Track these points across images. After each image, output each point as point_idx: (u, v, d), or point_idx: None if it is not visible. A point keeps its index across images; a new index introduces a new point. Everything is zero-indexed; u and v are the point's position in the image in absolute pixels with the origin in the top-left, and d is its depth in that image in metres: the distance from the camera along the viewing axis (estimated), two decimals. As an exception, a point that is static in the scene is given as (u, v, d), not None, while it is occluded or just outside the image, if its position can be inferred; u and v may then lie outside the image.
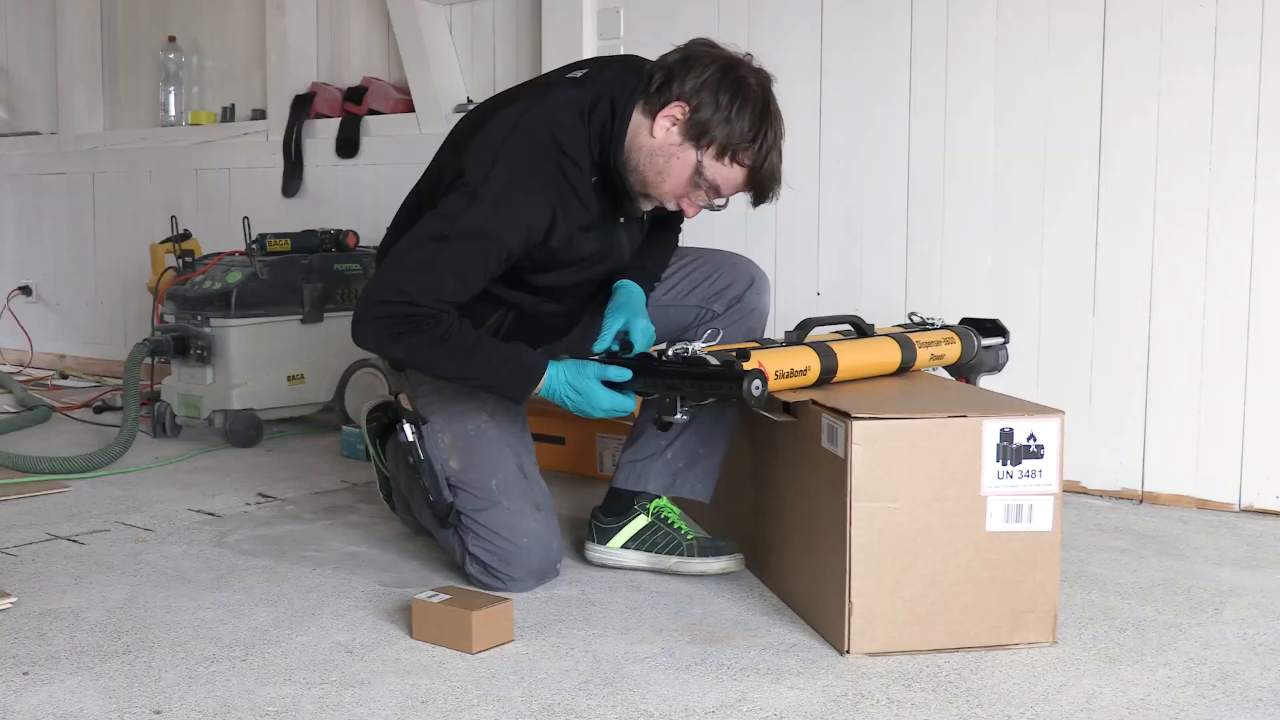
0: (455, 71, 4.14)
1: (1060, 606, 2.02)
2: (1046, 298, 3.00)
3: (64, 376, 5.08)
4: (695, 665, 1.86)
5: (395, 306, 2.03)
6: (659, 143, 2.10)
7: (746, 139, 2.07)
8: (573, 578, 2.31)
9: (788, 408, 2.10)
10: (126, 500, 2.92)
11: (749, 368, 1.96)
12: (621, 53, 3.57)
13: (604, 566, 2.35)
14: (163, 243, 4.15)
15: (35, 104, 5.49)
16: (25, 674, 1.82)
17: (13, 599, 2.14)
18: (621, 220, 2.25)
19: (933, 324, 2.48)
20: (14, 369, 5.20)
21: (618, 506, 2.36)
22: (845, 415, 1.88)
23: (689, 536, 2.33)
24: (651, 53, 2.23)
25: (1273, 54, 2.70)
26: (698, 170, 2.10)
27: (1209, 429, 2.82)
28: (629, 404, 2.09)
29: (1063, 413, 1.93)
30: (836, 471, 1.91)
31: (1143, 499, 2.92)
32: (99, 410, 4.11)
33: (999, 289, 3.06)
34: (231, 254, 3.74)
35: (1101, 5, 2.89)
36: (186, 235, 4.06)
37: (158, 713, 1.68)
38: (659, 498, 2.36)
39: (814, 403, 2.00)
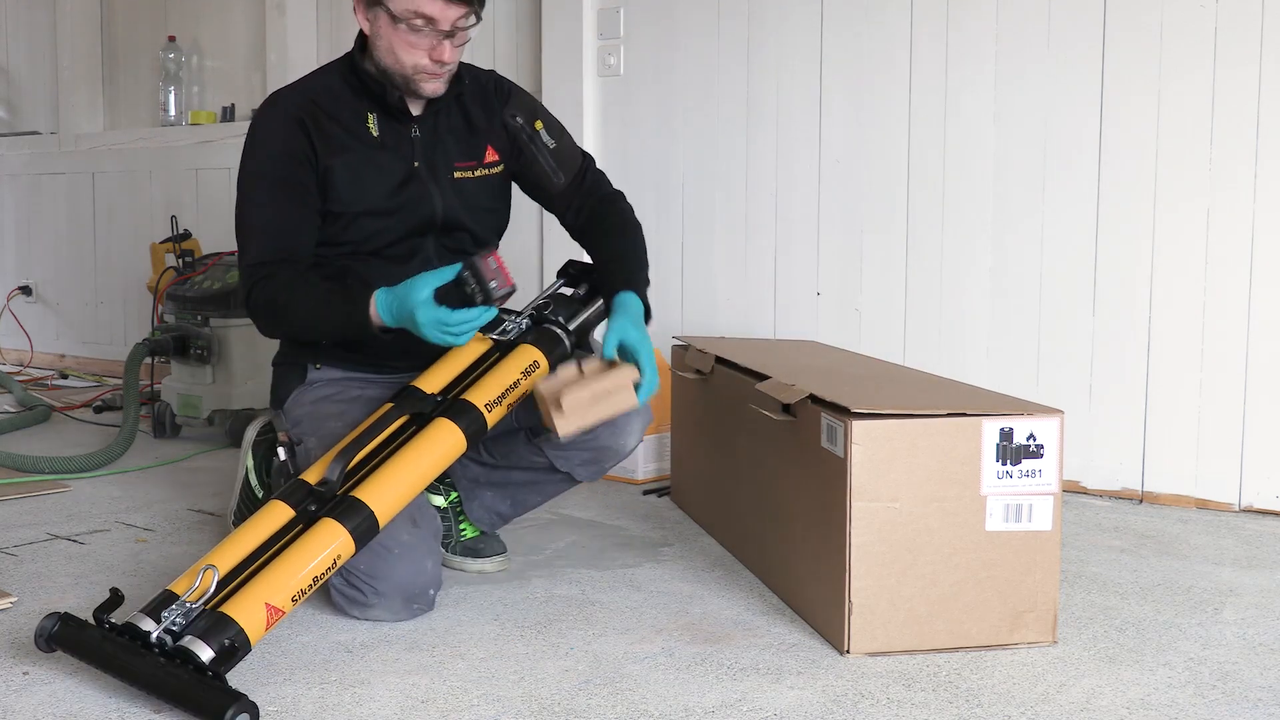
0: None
1: (1060, 606, 2.03)
2: (1046, 297, 3.00)
3: (64, 376, 5.08)
4: (695, 665, 1.86)
5: (244, 284, 2.18)
6: (370, 32, 2.23)
7: None
8: (573, 577, 2.31)
9: (786, 407, 2.10)
10: (126, 500, 2.92)
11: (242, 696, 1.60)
12: (621, 53, 3.60)
13: None
14: (163, 243, 4.16)
15: (35, 104, 5.49)
16: (25, 674, 1.82)
17: (13, 599, 2.14)
18: (416, 133, 2.28)
19: (508, 331, 2.16)
20: (14, 369, 5.20)
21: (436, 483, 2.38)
22: (845, 415, 1.89)
23: (464, 535, 2.38)
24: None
25: (1273, 53, 2.70)
26: (394, 18, 2.15)
27: (1209, 429, 2.82)
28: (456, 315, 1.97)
29: (1062, 412, 1.93)
30: (836, 471, 1.91)
31: (1143, 499, 2.92)
32: (99, 410, 4.11)
33: (999, 289, 3.06)
34: (231, 254, 3.73)
35: (1101, 5, 2.89)
36: (186, 235, 4.06)
37: (158, 712, 1.68)
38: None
39: (813, 401, 2.00)
